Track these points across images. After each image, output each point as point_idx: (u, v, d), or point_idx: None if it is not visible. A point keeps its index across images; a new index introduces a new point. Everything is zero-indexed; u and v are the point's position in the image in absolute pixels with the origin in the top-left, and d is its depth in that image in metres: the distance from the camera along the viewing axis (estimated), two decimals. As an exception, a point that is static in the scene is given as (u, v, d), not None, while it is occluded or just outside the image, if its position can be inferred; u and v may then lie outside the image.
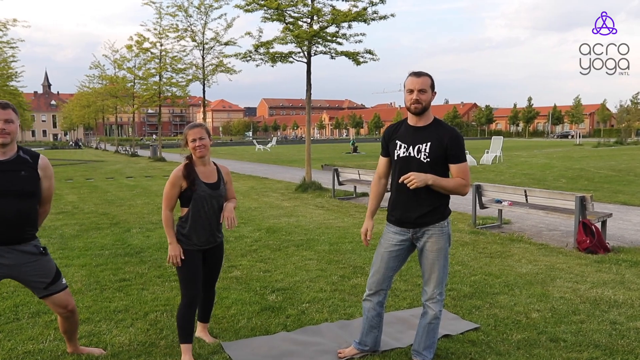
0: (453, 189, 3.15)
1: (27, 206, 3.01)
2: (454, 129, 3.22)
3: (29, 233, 3.06)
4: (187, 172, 3.39)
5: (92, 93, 44.91)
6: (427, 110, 3.18)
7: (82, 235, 7.56)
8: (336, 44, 12.75)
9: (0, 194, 2.90)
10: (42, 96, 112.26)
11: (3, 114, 2.92)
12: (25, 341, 3.71)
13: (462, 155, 3.18)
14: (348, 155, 33.97)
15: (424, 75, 3.14)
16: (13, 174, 2.95)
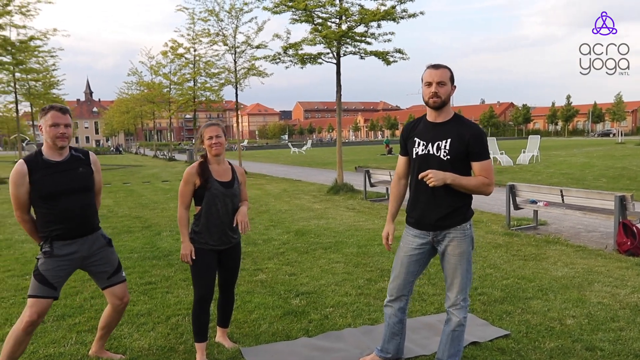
0: (475, 189, 2.98)
1: (89, 199, 3.23)
2: (476, 125, 3.06)
3: (95, 222, 3.29)
4: (201, 170, 3.38)
5: (130, 99, 46.08)
6: (447, 105, 3.03)
7: (114, 238, 7.65)
8: (365, 44, 12.60)
9: (68, 192, 3.08)
10: (85, 104, 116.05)
11: (63, 119, 3.08)
12: (47, 344, 3.75)
13: (485, 153, 3.01)
14: (383, 157, 33.69)
15: (442, 67, 2.99)
16: (72, 172, 3.15)
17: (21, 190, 3.02)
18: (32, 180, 3.02)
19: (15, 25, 20.84)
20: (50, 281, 3.06)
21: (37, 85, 30.13)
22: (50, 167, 3.07)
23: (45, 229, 3.08)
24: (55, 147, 3.09)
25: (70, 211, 3.08)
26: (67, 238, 3.10)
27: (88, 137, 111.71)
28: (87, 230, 3.20)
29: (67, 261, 3.11)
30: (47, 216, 3.06)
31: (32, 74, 27.05)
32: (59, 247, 3.08)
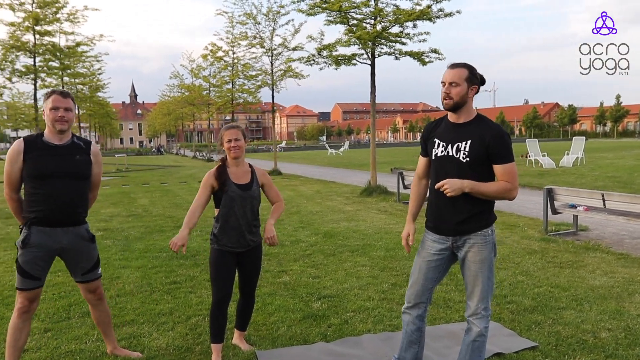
0: (496, 195, 2.82)
1: (80, 188, 3.22)
2: (498, 126, 2.90)
3: (82, 215, 3.27)
4: (219, 174, 3.37)
5: (171, 101, 47.17)
6: (466, 106, 2.88)
7: (145, 237, 7.79)
8: (400, 44, 12.42)
9: (58, 175, 3.09)
10: (129, 106, 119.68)
11: (63, 102, 3.13)
12: (69, 340, 3.80)
13: (508, 155, 2.84)
14: (420, 158, 33.11)
15: (459, 66, 2.84)
16: (69, 157, 3.17)
17: (14, 167, 3.09)
18: (25, 158, 3.07)
19: (64, 32, 21.65)
20: (31, 273, 3.09)
21: (84, 89, 31.19)
22: (47, 149, 3.11)
23: (28, 209, 3.10)
24: (55, 130, 3.12)
25: (55, 195, 3.08)
26: (47, 224, 3.09)
27: (132, 138, 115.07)
28: (71, 220, 3.17)
29: (44, 251, 3.12)
30: (32, 196, 3.09)
31: (79, 78, 28.02)
32: (37, 234, 3.08)
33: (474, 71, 2.85)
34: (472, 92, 2.87)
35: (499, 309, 4.34)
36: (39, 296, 3.22)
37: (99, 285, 3.42)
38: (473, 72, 2.84)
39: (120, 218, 9.85)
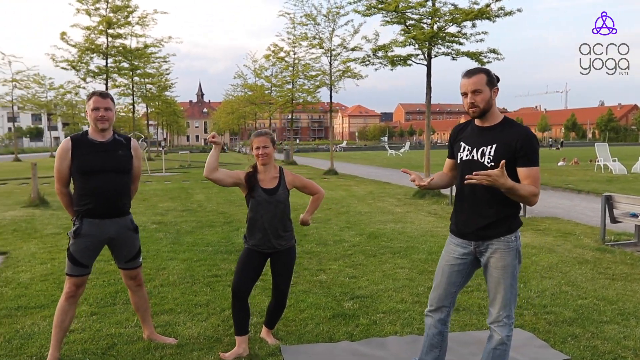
0: (525, 197, 2.71)
1: (123, 181, 3.45)
2: (526, 128, 2.81)
3: (126, 206, 3.52)
4: (248, 178, 3.48)
5: (235, 101, 48.47)
6: (491, 110, 2.82)
7: (195, 231, 8.10)
8: (457, 45, 12.17)
9: (103, 170, 3.33)
10: (196, 105, 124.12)
11: (103, 102, 3.36)
12: (111, 324, 4.05)
13: (535, 159, 2.75)
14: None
15: (477, 73, 2.78)
16: (112, 153, 3.39)
17: (64, 164, 3.32)
18: (73, 156, 3.30)
19: (135, 35, 22.83)
20: (80, 261, 3.32)
21: (152, 88, 32.69)
22: (92, 146, 3.34)
23: (79, 202, 3.33)
24: (97, 128, 3.35)
25: (103, 188, 3.30)
26: (96, 215, 3.32)
27: (197, 135, 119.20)
28: (117, 211, 3.40)
29: (93, 241, 3.34)
30: (82, 190, 3.32)
31: (148, 78, 29.40)
32: (88, 225, 3.31)
33: (490, 73, 2.79)
34: (495, 95, 2.81)
35: (536, 319, 4.20)
36: (85, 283, 3.46)
37: (139, 273, 3.64)
38: (490, 74, 2.78)
39: (175, 212, 10.28)
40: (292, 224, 3.67)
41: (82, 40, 20.47)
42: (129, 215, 3.53)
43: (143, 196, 12.86)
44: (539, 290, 4.94)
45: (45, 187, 13.98)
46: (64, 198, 3.45)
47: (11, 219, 9.46)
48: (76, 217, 3.36)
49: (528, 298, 4.72)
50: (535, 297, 4.76)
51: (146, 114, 39.89)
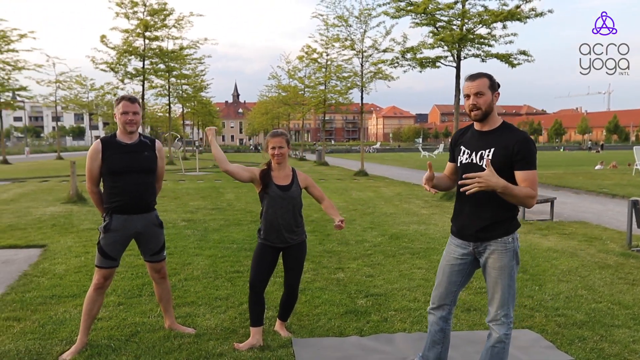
0: (521, 199, 2.80)
1: (149, 180, 3.69)
2: (523, 133, 2.91)
3: (152, 203, 3.75)
4: (262, 175, 3.67)
5: (269, 101, 49.04)
6: (491, 114, 2.93)
7: (222, 229, 8.38)
8: (488, 46, 12.11)
9: (130, 170, 3.57)
10: (232, 105, 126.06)
11: (131, 107, 3.60)
12: (136, 314, 4.31)
13: (532, 162, 2.84)
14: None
15: (480, 77, 2.89)
16: (138, 154, 3.64)
17: (94, 164, 3.57)
18: (104, 157, 3.55)
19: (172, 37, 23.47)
20: (109, 254, 3.57)
21: (188, 89, 33.45)
22: (120, 147, 3.58)
23: (109, 200, 3.58)
24: (125, 131, 3.60)
25: (130, 187, 3.55)
26: (124, 212, 3.57)
27: (233, 135, 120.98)
28: (143, 208, 3.64)
29: (122, 235, 3.60)
30: (112, 189, 3.57)
31: (184, 79, 30.11)
32: (116, 220, 3.56)
33: (493, 78, 2.89)
34: (496, 99, 2.92)
35: (546, 321, 4.24)
36: (112, 275, 3.71)
37: (163, 266, 3.89)
38: (492, 79, 2.89)
39: (205, 211, 10.61)
40: (304, 220, 3.84)
41: (120, 43, 21.22)
42: (154, 211, 3.77)
43: (175, 194, 13.28)
44: (554, 294, 4.96)
45: (83, 184, 14.55)
46: (95, 196, 3.71)
47: (51, 214, 9.98)
48: (106, 214, 3.62)
49: (541, 300, 4.76)
50: (549, 299, 4.79)
51: (182, 114, 40.85)
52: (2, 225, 8.64)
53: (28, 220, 9.25)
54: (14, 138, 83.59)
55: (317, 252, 6.73)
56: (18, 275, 5.56)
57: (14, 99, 31.61)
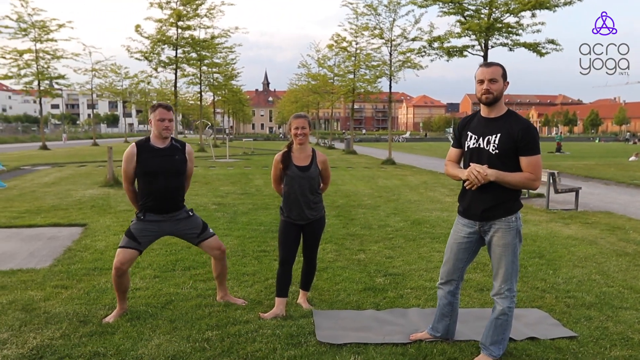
0: (519, 184, 3.06)
1: (179, 182, 4.00)
2: (526, 121, 3.13)
3: (181, 202, 4.05)
4: (283, 158, 3.97)
5: (299, 90, 49.35)
6: (499, 101, 3.15)
7: (251, 213, 8.75)
8: (515, 35, 12.09)
9: (161, 172, 3.87)
10: (262, 93, 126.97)
11: (167, 114, 3.91)
12: (170, 285, 4.69)
13: (535, 148, 3.06)
14: (549, 155, 31.36)
15: (494, 65, 3.13)
16: (170, 158, 3.93)
17: (130, 166, 3.87)
18: (138, 160, 3.85)
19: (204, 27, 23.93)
20: (135, 236, 3.85)
21: (219, 77, 34.00)
22: (154, 151, 3.87)
23: (142, 199, 3.90)
24: (161, 136, 3.89)
25: (162, 188, 3.85)
26: (156, 211, 3.88)
27: (262, 124, 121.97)
28: (173, 207, 3.95)
29: (155, 226, 3.91)
30: (145, 189, 3.88)
31: (215, 68, 30.63)
32: (149, 217, 3.89)
33: (504, 68, 3.12)
34: (505, 88, 3.14)
35: (555, 302, 4.43)
36: (131, 260, 3.83)
37: (218, 241, 4.18)
38: (504, 69, 3.12)
39: (234, 195, 11.01)
40: (321, 197, 4.13)
41: (154, 32, 21.78)
42: (183, 208, 4.06)
43: (206, 180, 13.75)
44: (567, 277, 5.13)
45: (119, 169, 15.21)
46: (130, 194, 4.02)
47: (90, 196, 10.54)
48: (140, 211, 3.94)
49: (554, 284, 4.93)
50: (561, 282, 4.97)
51: (213, 103, 41.54)
52: (46, 206, 9.21)
53: (69, 201, 9.82)
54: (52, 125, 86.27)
55: (341, 235, 7.02)
56: (63, 250, 6.03)
57: (52, 87, 32.75)
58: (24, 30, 28.70)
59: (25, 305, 4.13)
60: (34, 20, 28.74)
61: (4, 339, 3.50)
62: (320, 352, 3.38)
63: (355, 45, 27.67)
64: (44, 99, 32.56)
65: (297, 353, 3.35)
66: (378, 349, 3.45)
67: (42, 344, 3.42)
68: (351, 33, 26.88)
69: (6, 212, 8.54)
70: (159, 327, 3.73)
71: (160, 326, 3.74)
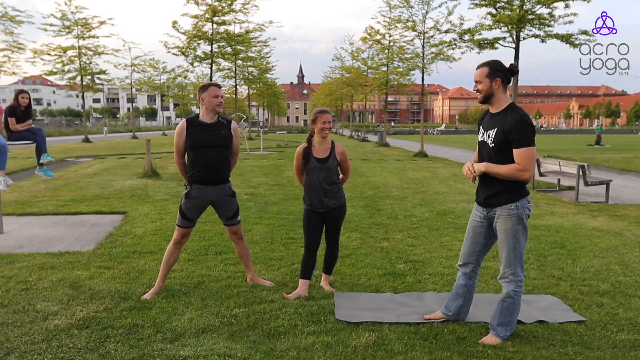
0: (507, 175, 3.23)
1: (225, 155, 4.33)
2: (519, 115, 3.24)
3: (226, 175, 4.36)
4: (303, 151, 4.25)
5: (333, 82, 49.50)
6: (495, 97, 3.36)
7: (281, 203, 9.07)
8: (548, 27, 11.97)
9: (208, 145, 4.22)
10: (297, 86, 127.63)
11: (219, 92, 4.29)
12: (203, 268, 5.04)
13: (523, 140, 3.18)
14: (588, 147, 30.64)
15: (481, 66, 3.37)
16: (216, 132, 4.27)
17: (180, 140, 4.24)
18: (187, 134, 4.20)
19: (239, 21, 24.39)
20: (187, 216, 4.27)
21: (254, 71, 34.51)
22: (202, 126, 4.22)
23: (191, 170, 4.25)
24: (214, 112, 4.24)
25: (208, 160, 4.18)
26: (202, 182, 4.22)
27: (297, 117, 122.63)
28: (219, 179, 4.26)
29: (200, 202, 4.28)
30: (193, 161, 4.22)
31: (250, 62, 31.11)
32: (196, 190, 4.24)
33: (494, 67, 3.29)
34: (497, 84, 3.31)
35: (570, 289, 4.56)
36: (189, 234, 4.42)
37: (239, 229, 4.55)
38: (493, 68, 3.29)
39: (266, 186, 11.38)
40: (341, 186, 4.39)
41: (190, 28, 22.36)
42: (228, 183, 4.40)
43: (240, 171, 14.19)
44: (585, 267, 5.23)
45: (157, 161, 15.85)
46: (180, 167, 4.40)
47: (129, 187, 11.09)
48: (188, 183, 4.31)
49: (571, 272, 5.05)
50: (578, 271, 5.08)
51: (248, 96, 42.19)
52: (90, 195, 9.78)
53: (110, 191, 10.37)
54: (93, 118, 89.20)
55: (367, 224, 7.26)
56: (105, 235, 6.48)
57: (93, 82, 33.96)
58: (68, 28, 29.88)
59: (73, 283, 4.55)
60: (77, 18, 29.88)
61: (54, 310, 3.90)
62: (337, 328, 3.65)
63: (389, 37, 27.63)
64: (86, 93, 33.82)
65: (316, 329, 3.62)
66: (392, 327, 3.69)
67: (87, 316, 3.81)
68: (384, 26, 26.87)
69: (53, 200, 9.13)
70: (191, 304, 4.07)
71: (192, 303, 4.08)
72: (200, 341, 3.40)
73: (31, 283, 4.54)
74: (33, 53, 29.52)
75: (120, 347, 3.31)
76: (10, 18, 23.96)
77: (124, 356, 3.17)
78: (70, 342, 3.37)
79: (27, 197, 9.54)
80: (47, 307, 3.98)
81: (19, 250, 5.69)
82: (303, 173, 4.39)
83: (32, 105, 7.34)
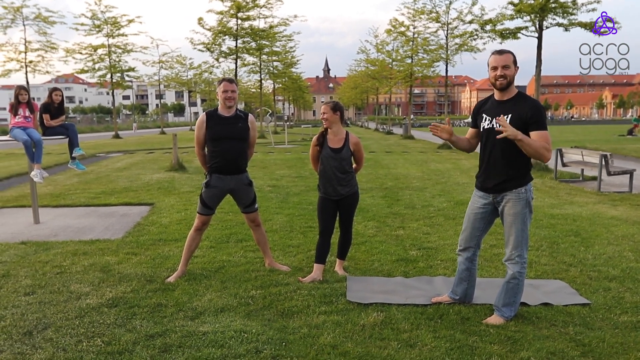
0: (536, 151, 3.27)
1: (242, 147, 4.57)
2: (534, 100, 3.42)
3: (243, 166, 4.63)
4: (318, 139, 4.44)
5: (358, 75, 49.47)
6: (511, 85, 3.46)
7: (302, 194, 9.30)
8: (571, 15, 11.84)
9: (227, 137, 4.46)
10: (322, 80, 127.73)
11: (230, 87, 4.49)
12: (223, 254, 5.31)
13: (543, 124, 3.34)
14: (620, 138, 30.00)
15: (506, 52, 3.44)
16: (234, 125, 4.51)
17: (200, 132, 4.50)
18: (207, 126, 4.45)
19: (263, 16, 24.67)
20: (207, 203, 4.52)
21: (279, 66, 34.80)
22: (220, 119, 4.47)
23: (210, 161, 4.50)
24: (225, 105, 4.46)
25: (227, 151, 4.42)
26: (221, 172, 4.46)
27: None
28: (236, 169, 4.51)
29: (219, 191, 4.52)
30: (212, 152, 4.47)
31: (274, 56, 31.40)
32: (215, 179, 4.48)
33: (515, 55, 3.44)
34: (516, 72, 3.45)
35: (579, 274, 4.65)
36: (209, 221, 4.69)
37: (256, 216, 4.79)
38: (515, 56, 3.44)
39: (289, 178, 11.62)
40: (354, 174, 4.57)
41: (215, 24, 22.74)
42: (245, 173, 4.65)
43: (264, 164, 14.47)
44: (597, 254, 5.29)
45: (183, 155, 16.27)
46: (200, 158, 4.66)
47: (157, 179, 11.49)
48: (208, 172, 4.57)
49: (582, 259, 5.12)
50: (590, 258, 5.15)
51: (273, 90, 42.54)
52: (119, 188, 10.19)
53: (138, 184, 10.78)
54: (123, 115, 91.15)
55: (384, 214, 7.42)
56: (133, 224, 6.82)
57: (123, 79, 34.82)
58: (98, 27, 30.70)
59: (103, 267, 4.87)
60: (107, 17, 30.67)
61: (86, 291, 4.22)
62: (348, 309, 3.85)
63: (413, 29, 27.53)
64: (116, 90, 34.72)
65: (327, 309, 3.83)
66: (400, 308, 3.87)
67: (116, 296, 4.10)
68: (408, 17, 26.79)
69: (85, 193, 9.57)
70: (212, 286, 4.33)
71: (212, 285, 4.34)
72: (219, 319, 3.65)
73: (65, 267, 4.88)
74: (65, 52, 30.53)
75: (145, 323, 3.58)
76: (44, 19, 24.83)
77: (148, 331, 3.44)
78: (100, 318, 3.67)
79: (61, 190, 10.02)
80: (79, 288, 4.30)
81: (54, 239, 6.06)
82: (318, 161, 4.59)
83: (64, 102, 7.72)
